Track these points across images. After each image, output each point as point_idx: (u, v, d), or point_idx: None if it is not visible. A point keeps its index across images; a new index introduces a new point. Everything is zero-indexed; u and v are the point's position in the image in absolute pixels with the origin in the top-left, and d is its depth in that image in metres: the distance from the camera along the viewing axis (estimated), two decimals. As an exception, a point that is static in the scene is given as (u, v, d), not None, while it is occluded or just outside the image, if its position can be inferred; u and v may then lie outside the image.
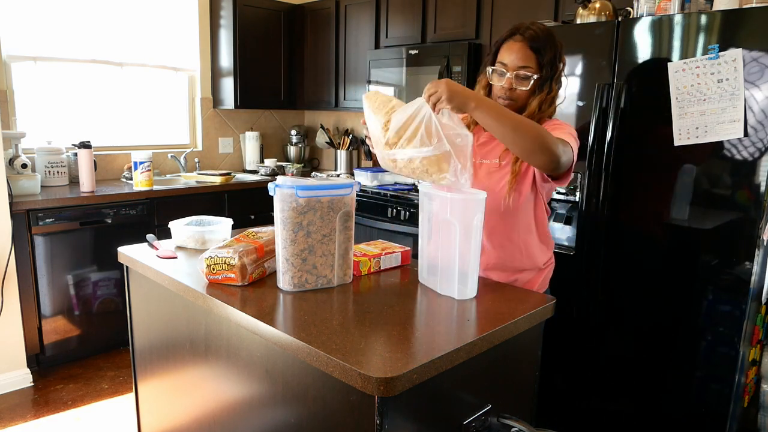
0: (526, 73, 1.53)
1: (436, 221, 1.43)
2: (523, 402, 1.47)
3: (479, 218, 1.39)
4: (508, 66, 1.55)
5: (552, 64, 1.54)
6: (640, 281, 2.16)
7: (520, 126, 1.37)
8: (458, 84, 1.38)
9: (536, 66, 1.54)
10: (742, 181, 1.89)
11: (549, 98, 1.56)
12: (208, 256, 1.48)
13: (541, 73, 1.54)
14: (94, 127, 3.61)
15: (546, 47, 1.53)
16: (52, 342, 2.98)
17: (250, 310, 1.32)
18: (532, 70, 1.53)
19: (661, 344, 2.12)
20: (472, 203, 1.36)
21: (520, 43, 1.54)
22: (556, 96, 1.59)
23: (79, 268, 3.02)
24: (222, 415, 1.51)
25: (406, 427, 1.12)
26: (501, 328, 1.27)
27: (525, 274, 1.68)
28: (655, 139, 2.06)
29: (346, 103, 3.92)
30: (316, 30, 4.06)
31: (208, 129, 4.16)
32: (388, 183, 3.43)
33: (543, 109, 1.56)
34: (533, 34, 1.53)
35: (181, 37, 3.95)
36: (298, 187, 1.38)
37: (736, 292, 1.93)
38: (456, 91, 1.34)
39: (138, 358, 1.91)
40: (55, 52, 3.39)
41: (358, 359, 1.08)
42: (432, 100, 1.35)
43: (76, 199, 2.97)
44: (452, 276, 1.42)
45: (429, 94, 1.36)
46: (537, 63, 1.53)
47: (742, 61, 1.82)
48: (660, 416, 2.15)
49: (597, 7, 2.28)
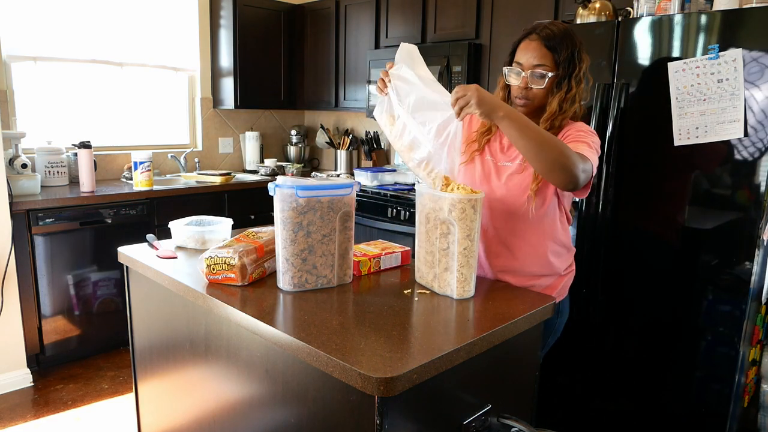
0: (541, 72, 1.52)
1: (434, 220, 1.43)
2: (523, 402, 1.47)
3: (478, 218, 1.39)
4: (524, 65, 1.54)
5: (570, 62, 1.51)
6: (640, 281, 2.16)
7: (544, 143, 1.35)
8: (487, 91, 1.37)
9: (552, 64, 1.52)
10: (742, 181, 1.89)
11: (570, 97, 1.53)
12: (208, 256, 1.48)
13: (557, 71, 1.52)
14: (94, 127, 3.61)
15: (562, 45, 1.51)
16: (52, 342, 2.98)
17: (250, 310, 1.32)
18: (547, 68, 1.52)
19: (661, 344, 2.12)
20: (471, 203, 1.36)
21: (536, 42, 1.52)
22: (578, 94, 1.55)
23: (79, 268, 3.02)
24: (222, 415, 1.52)
25: (406, 427, 1.12)
26: (501, 328, 1.27)
27: (543, 279, 1.64)
28: (655, 139, 2.06)
29: (346, 103, 3.92)
30: (316, 30, 4.06)
31: (208, 129, 4.16)
32: (388, 183, 3.42)
33: (565, 109, 1.53)
34: (548, 32, 1.52)
35: (181, 37, 3.95)
36: (298, 187, 1.39)
37: (736, 292, 1.93)
38: (485, 99, 1.34)
39: (138, 358, 1.91)
40: (55, 52, 3.39)
41: (358, 359, 1.08)
42: (459, 104, 1.34)
43: (76, 199, 2.97)
44: (451, 276, 1.42)
45: (457, 98, 1.35)
46: (553, 61, 1.52)
47: (742, 61, 1.82)
48: (660, 416, 2.15)
49: (597, 7, 2.28)
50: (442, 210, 1.39)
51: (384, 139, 4.09)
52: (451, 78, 3.12)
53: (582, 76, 1.54)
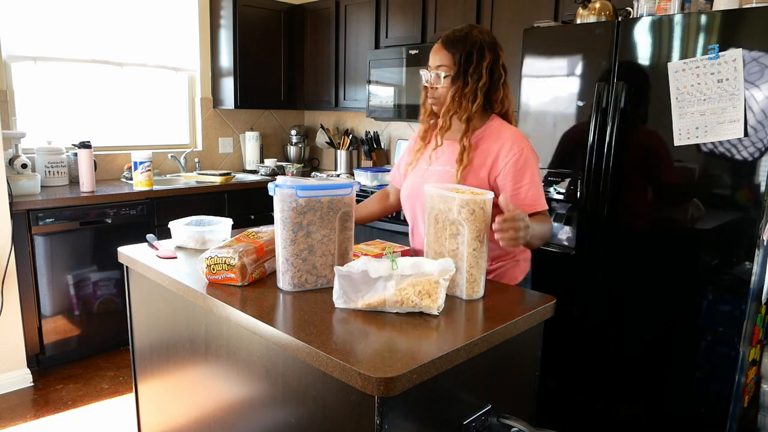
0: (440, 72, 1.63)
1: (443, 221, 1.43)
2: (523, 402, 1.47)
3: (487, 219, 1.39)
4: (430, 67, 1.67)
5: (468, 59, 1.60)
6: (640, 281, 2.16)
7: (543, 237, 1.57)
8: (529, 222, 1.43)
9: (451, 63, 1.62)
10: (742, 181, 1.89)
11: (468, 92, 1.61)
12: (208, 256, 1.48)
13: (456, 69, 1.61)
14: (94, 127, 3.61)
15: (459, 44, 1.61)
16: (52, 342, 2.98)
17: (250, 310, 1.32)
18: (446, 68, 1.63)
19: (661, 344, 2.12)
20: (480, 204, 1.36)
21: (438, 45, 1.66)
22: (477, 89, 1.61)
23: (79, 268, 3.02)
24: (222, 415, 1.52)
25: (406, 427, 1.12)
26: (501, 328, 1.27)
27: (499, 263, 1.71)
28: (655, 139, 2.06)
29: (346, 103, 3.93)
30: (316, 30, 4.06)
31: (208, 129, 4.16)
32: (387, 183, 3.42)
33: (463, 104, 1.62)
34: (448, 35, 1.65)
35: (181, 37, 3.95)
36: (298, 187, 1.38)
37: (736, 292, 1.93)
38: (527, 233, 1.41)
39: (138, 358, 1.91)
40: (55, 52, 3.39)
41: (358, 359, 1.08)
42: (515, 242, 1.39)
43: (76, 199, 2.98)
44: (460, 276, 1.41)
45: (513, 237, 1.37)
46: (452, 61, 1.62)
47: (742, 61, 1.82)
48: (660, 416, 2.15)
49: (597, 7, 2.28)
50: (451, 211, 1.39)
51: (384, 139, 4.09)
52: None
53: (484, 71, 1.60)
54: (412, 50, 3.32)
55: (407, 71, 3.37)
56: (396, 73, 3.43)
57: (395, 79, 3.45)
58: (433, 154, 1.75)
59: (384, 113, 3.57)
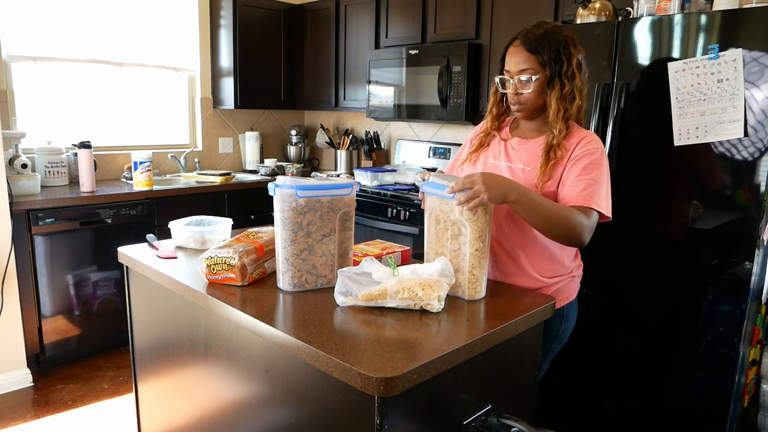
0: (527, 76, 1.53)
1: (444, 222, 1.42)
2: (523, 402, 1.47)
3: (489, 219, 1.39)
4: (511, 72, 1.56)
5: (556, 60, 1.51)
6: (640, 281, 2.16)
7: (553, 219, 1.41)
8: (493, 174, 1.37)
9: (537, 66, 1.52)
10: (742, 181, 1.89)
11: (566, 93, 1.52)
12: (208, 256, 1.48)
13: (545, 71, 1.52)
14: (94, 127, 3.61)
15: (543, 45, 1.51)
16: (52, 342, 2.98)
17: (250, 310, 1.32)
18: (533, 71, 1.52)
19: (661, 344, 2.12)
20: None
21: (518, 47, 1.54)
22: (575, 89, 1.54)
23: (79, 268, 3.02)
24: (222, 415, 1.52)
25: (406, 427, 1.12)
26: (501, 328, 1.27)
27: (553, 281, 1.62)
28: (656, 139, 2.06)
29: (346, 103, 3.92)
30: (316, 30, 4.06)
31: (208, 129, 4.16)
32: (388, 183, 3.43)
33: (566, 107, 1.53)
34: (529, 35, 1.52)
35: (181, 37, 3.95)
36: (298, 187, 1.39)
37: (736, 292, 1.93)
38: (493, 186, 1.33)
39: (138, 358, 1.91)
40: (55, 52, 3.39)
41: (358, 359, 1.08)
42: (474, 203, 1.33)
43: (76, 199, 2.97)
44: (462, 277, 1.41)
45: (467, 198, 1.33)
46: (538, 63, 1.52)
47: (742, 61, 1.82)
48: (660, 416, 2.15)
49: (597, 7, 2.28)
50: (453, 211, 1.39)
51: (384, 139, 4.09)
52: (451, 78, 3.12)
53: (575, 70, 1.53)
54: (412, 50, 3.32)
55: (407, 71, 3.37)
56: (396, 73, 3.43)
57: (395, 79, 3.45)
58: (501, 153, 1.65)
59: (384, 113, 3.57)
